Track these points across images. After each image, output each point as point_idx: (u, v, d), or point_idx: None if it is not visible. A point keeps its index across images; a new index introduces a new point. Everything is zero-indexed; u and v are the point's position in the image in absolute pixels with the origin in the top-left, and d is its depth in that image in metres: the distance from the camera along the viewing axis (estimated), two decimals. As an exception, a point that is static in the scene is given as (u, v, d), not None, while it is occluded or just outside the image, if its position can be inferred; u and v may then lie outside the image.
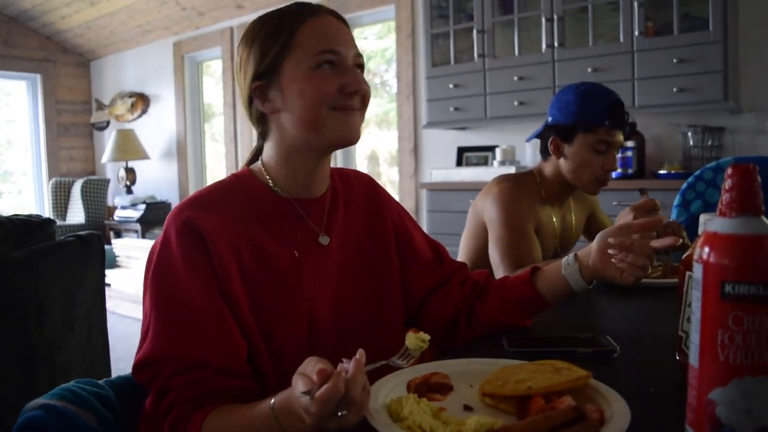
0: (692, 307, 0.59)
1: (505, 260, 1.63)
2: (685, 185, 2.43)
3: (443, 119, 4.03)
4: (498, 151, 3.90)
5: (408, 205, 4.65)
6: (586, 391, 0.77)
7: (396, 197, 4.69)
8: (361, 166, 5.40)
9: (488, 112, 3.82)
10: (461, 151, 4.30)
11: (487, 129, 4.22)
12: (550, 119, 1.81)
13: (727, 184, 0.57)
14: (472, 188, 3.67)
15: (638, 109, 3.25)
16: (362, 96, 1.02)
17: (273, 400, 0.78)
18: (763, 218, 0.56)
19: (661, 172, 3.21)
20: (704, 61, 3.10)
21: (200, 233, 0.94)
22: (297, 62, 0.98)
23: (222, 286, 0.94)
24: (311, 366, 0.72)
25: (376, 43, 5.21)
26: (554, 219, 1.84)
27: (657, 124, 3.51)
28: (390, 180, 5.21)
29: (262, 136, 1.09)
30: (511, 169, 3.57)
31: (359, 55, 1.03)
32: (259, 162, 1.09)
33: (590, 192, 1.82)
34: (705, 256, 0.57)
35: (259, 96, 1.03)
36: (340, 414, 0.68)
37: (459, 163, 4.27)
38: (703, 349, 0.57)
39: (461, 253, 1.90)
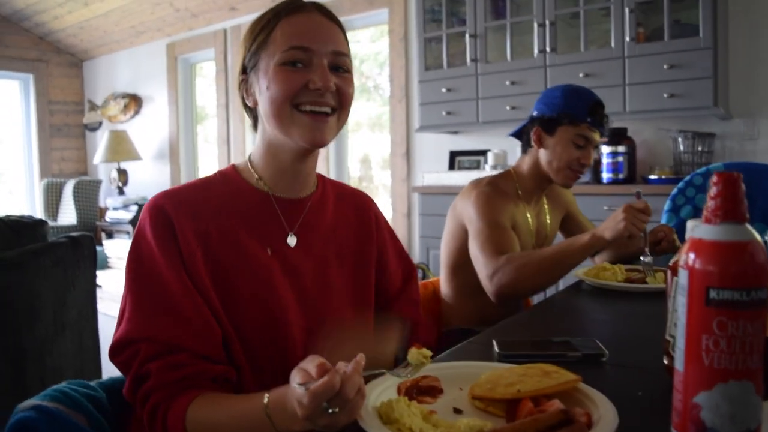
0: (678, 313, 0.60)
1: (485, 251, 1.67)
2: (675, 190, 2.46)
3: (436, 123, 4.04)
4: (490, 155, 3.91)
5: (400, 209, 4.66)
6: (574, 395, 0.78)
7: (388, 201, 4.73)
8: (354, 169, 5.41)
9: (480, 116, 3.83)
10: (453, 155, 4.31)
11: (480, 133, 4.24)
12: (535, 112, 1.90)
13: (713, 191, 0.58)
14: (464, 192, 3.68)
15: (629, 115, 3.28)
16: (338, 96, 1.01)
17: (267, 397, 0.79)
18: (747, 225, 0.57)
19: (652, 177, 3.24)
20: (694, 67, 3.12)
21: (169, 220, 0.97)
22: (270, 57, 1.00)
23: (189, 272, 0.96)
24: (312, 362, 0.73)
25: (370, 46, 5.22)
26: (529, 217, 1.91)
27: (648, 130, 3.53)
28: (382, 183, 5.22)
29: (254, 128, 1.11)
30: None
31: (340, 54, 1.02)
32: (247, 158, 1.10)
33: (563, 183, 1.88)
34: (690, 262, 0.58)
35: (244, 89, 1.06)
36: (331, 411, 0.69)
37: (451, 167, 4.29)
38: (688, 353, 0.58)
39: (443, 253, 1.95)
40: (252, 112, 1.09)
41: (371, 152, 5.36)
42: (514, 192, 1.89)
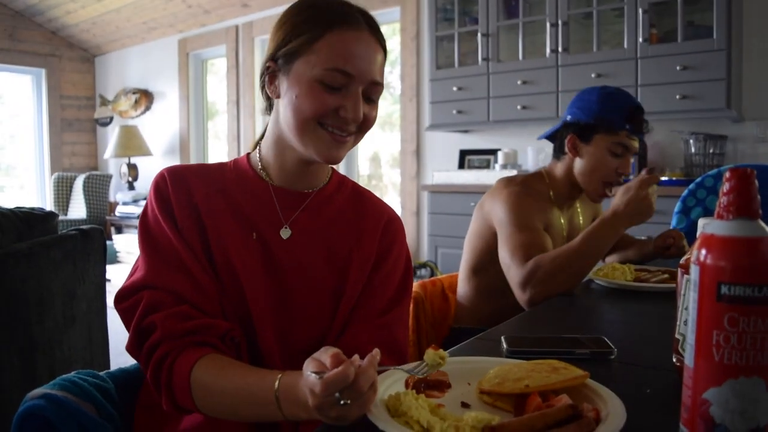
0: (689, 309, 0.60)
1: (515, 258, 1.58)
2: (686, 192, 2.44)
3: (446, 122, 4.04)
4: (500, 154, 3.90)
5: (409, 207, 4.66)
6: (582, 391, 0.77)
7: (397, 199, 4.72)
8: (364, 167, 5.42)
9: (491, 115, 3.83)
10: (463, 153, 4.31)
11: (490, 132, 4.23)
12: (569, 117, 1.79)
13: (725, 187, 0.58)
14: (474, 191, 3.68)
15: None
16: (362, 122, 1.01)
17: (278, 380, 0.79)
18: (760, 221, 0.57)
19: (663, 178, 3.22)
20: (707, 69, 3.11)
21: (167, 190, 1.02)
22: (308, 66, 0.96)
23: (184, 236, 0.99)
24: (326, 352, 0.73)
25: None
26: (562, 220, 1.83)
27: (660, 131, 3.51)
28: (392, 182, 5.23)
29: (268, 111, 1.10)
30: (513, 173, 3.58)
31: (377, 84, 1.00)
32: (258, 149, 1.11)
33: (594, 199, 1.81)
34: (702, 258, 0.58)
35: (269, 76, 1.04)
36: (343, 402, 0.68)
37: (461, 166, 4.28)
38: (698, 349, 0.58)
39: (466, 252, 1.88)
40: (269, 99, 1.08)
41: (381, 150, 5.36)
42: (547, 195, 1.80)
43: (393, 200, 4.89)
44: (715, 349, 0.57)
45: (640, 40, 3.28)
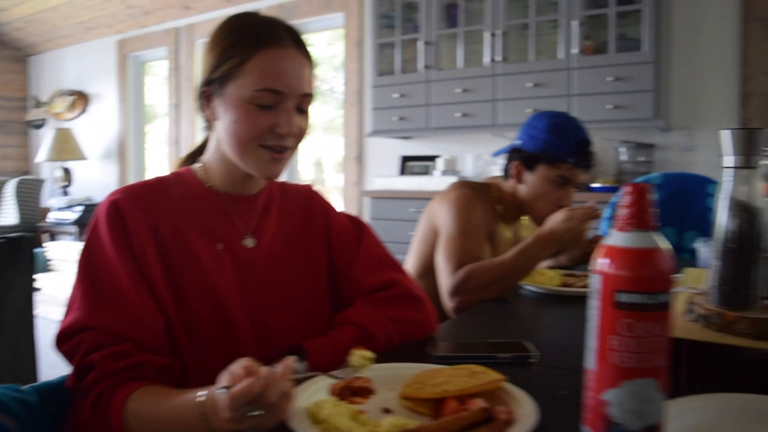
0: (590, 315, 0.63)
1: (449, 264, 1.60)
2: (614, 198, 2.54)
3: (388, 128, 4.08)
4: (440, 161, 3.96)
5: (351, 212, 4.67)
6: (499, 394, 0.80)
7: (341, 204, 4.72)
8: (307, 172, 5.40)
9: (432, 122, 3.89)
10: (404, 160, 4.35)
11: (431, 139, 4.29)
12: (518, 142, 1.80)
13: (624, 201, 0.62)
14: (414, 197, 3.73)
15: (575, 124, 3.36)
16: (297, 135, 1.05)
17: (202, 395, 0.79)
18: (654, 234, 0.61)
19: (595, 185, 3.33)
20: (637, 80, 3.24)
21: (123, 215, 1.00)
22: (240, 88, 1.00)
23: (140, 265, 0.98)
24: (239, 364, 0.75)
25: (326, 49, 5.22)
26: (509, 234, 1.85)
27: (594, 139, 3.62)
28: (335, 187, 5.23)
29: (207, 129, 1.13)
30: (453, 179, 3.64)
31: (308, 96, 1.04)
32: (200, 161, 1.13)
33: (538, 224, 1.77)
34: (602, 267, 0.61)
35: (205, 100, 1.07)
36: (254, 413, 0.70)
37: (402, 172, 4.32)
38: (598, 353, 0.61)
39: (412, 257, 1.89)
40: (208, 119, 1.10)
41: (325, 155, 5.36)
42: (494, 207, 1.81)
43: (337, 205, 4.89)
44: (613, 353, 0.60)
45: (575, 51, 3.39)
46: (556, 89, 3.41)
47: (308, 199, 1.23)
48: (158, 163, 6.28)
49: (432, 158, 4.21)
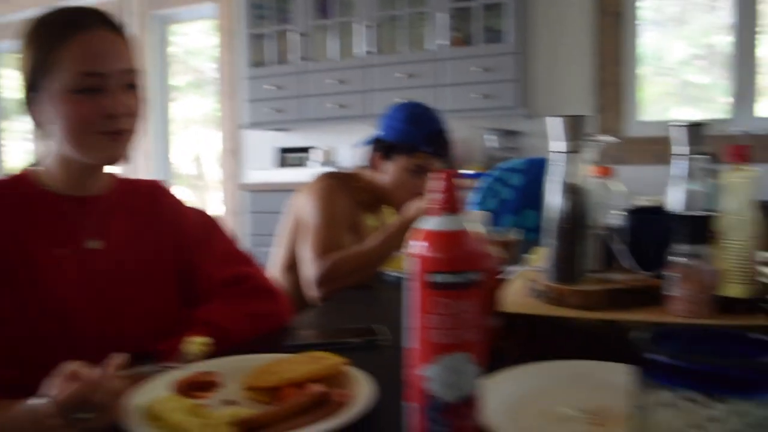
0: (408, 296, 0.67)
1: (314, 254, 1.62)
2: (481, 183, 2.66)
3: (264, 120, 4.04)
4: (317, 152, 3.98)
5: (230, 207, 4.59)
6: (341, 378, 0.83)
7: (220, 198, 4.62)
8: (187, 167, 5.24)
9: (308, 113, 3.89)
10: (281, 152, 4.33)
11: (307, 130, 4.28)
12: (379, 132, 1.84)
13: (436, 187, 0.66)
14: (293, 189, 3.69)
15: (445, 113, 3.47)
16: (128, 115, 1.02)
17: (32, 404, 0.77)
18: (462, 216, 0.65)
19: (464, 171, 3.47)
20: (503, 71, 3.40)
21: None
22: (60, 80, 0.97)
23: None
24: (64, 370, 0.73)
25: (202, 39, 5.07)
26: (372, 222, 1.89)
27: (463, 127, 3.76)
28: (215, 181, 5.11)
29: (40, 132, 1.07)
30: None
31: (131, 71, 1.02)
32: (37, 162, 1.08)
33: (398, 212, 1.82)
34: (416, 250, 0.65)
35: (31, 105, 1.02)
36: (83, 416, 0.69)
37: (279, 164, 4.29)
38: (415, 331, 0.65)
39: (278, 249, 1.89)
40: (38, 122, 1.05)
41: (204, 149, 5.22)
42: (359, 196, 1.84)
43: (216, 200, 4.79)
44: (428, 331, 0.64)
45: (443, 42, 3.50)
46: (426, 80, 3.51)
47: (156, 195, 1.20)
48: (19, 160, 5.87)
49: (309, 149, 4.21)
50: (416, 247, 0.65)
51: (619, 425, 0.70)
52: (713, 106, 3.67)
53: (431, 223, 0.65)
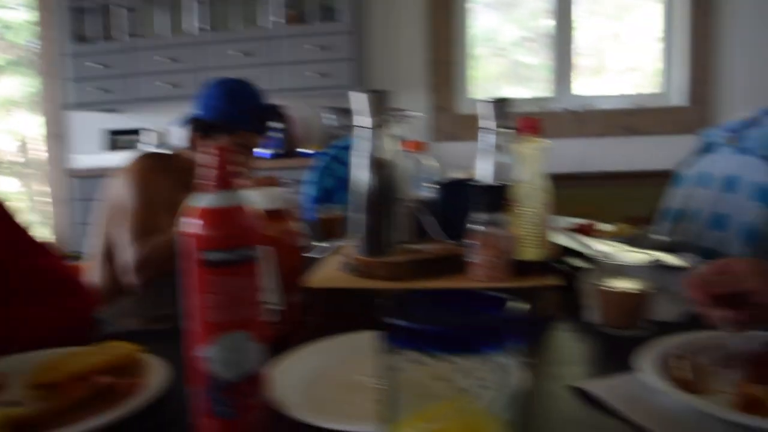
0: (183, 277, 0.65)
1: (132, 238, 1.56)
2: (317, 162, 2.66)
3: (90, 100, 3.77)
4: (149, 134, 3.79)
5: (58, 195, 4.26)
6: (133, 367, 0.79)
7: (46, 186, 4.27)
8: (11, 155, 4.79)
9: (137, 93, 3.69)
10: (111, 134, 4.07)
11: (138, 111, 4.05)
12: (195, 112, 1.77)
13: (211, 163, 0.64)
14: (125, 173, 3.52)
15: (282, 93, 3.44)
16: None
17: None
18: (236, 192, 0.64)
19: (303, 150, 3.46)
20: (339, 50, 3.41)
21: None
22: None
23: None
24: None
25: (22, 14, 4.60)
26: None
27: (302, 107, 3.75)
28: (39, 168, 4.71)
29: None
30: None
31: None
32: None
33: None
34: (190, 229, 0.63)
35: None
36: None
37: (110, 148, 4.04)
38: (194, 312, 0.63)
39: (96, 238, 1.78)
40: None
41: (28, 133, 4.79)
42: (179, 176, 1.74)
43: (43, 188, 4.43)
44: (205, 311, 0.62)
45: (279, 20, 3.44)
46: (261, 58, 3.45)
47: None
48: None
49: (141, 131, 3.99)
50: (189, 225, 0.63)
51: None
52: (540, 85, 3.93)
53: (204, 200, 0.63)
